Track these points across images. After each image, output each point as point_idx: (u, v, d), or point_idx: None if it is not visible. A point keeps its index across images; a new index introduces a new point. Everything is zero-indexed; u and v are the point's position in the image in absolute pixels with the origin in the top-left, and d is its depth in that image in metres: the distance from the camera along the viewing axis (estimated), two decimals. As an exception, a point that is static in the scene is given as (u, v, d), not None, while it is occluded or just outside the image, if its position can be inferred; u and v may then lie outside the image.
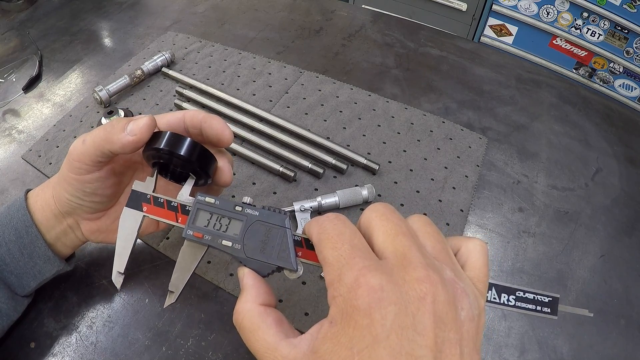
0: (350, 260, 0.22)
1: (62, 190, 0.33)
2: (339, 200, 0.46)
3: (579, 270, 0.45)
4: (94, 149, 0.30)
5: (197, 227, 0.28)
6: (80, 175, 0.32)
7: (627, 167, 0.55)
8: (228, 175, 0.34)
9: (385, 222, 0.24)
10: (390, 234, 0.23)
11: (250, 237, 0.27)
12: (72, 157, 0.31)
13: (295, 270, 0.26)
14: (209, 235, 0.27)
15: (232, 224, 0.28)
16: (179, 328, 0.39)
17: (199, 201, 0.28)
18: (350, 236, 0.23)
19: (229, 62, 0.66)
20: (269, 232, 0.27)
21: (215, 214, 0.28)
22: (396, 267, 0.21)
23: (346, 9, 0.80)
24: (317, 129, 0.56)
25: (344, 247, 0.22)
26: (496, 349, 0.39)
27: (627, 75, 1.37)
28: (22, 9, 0.79)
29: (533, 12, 1.42)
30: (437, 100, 0.61)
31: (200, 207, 0.28)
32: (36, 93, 0.62)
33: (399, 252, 0.22)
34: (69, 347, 0.37)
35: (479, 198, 0.50)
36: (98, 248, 0.44)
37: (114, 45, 0.70)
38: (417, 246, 0.22)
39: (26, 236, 0.34)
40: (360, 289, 0.20)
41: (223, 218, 0.28)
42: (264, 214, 0.27)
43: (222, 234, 0.27)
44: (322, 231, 0.24)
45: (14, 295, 0.36)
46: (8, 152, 0.54)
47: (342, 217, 0.25)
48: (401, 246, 0.22)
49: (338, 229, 0.23)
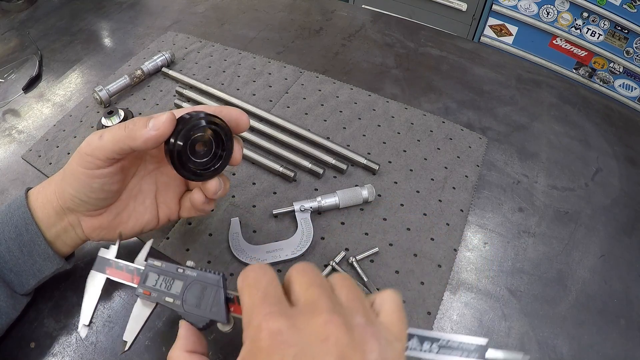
0: (259, 306, 0.24)
1: (67, 185, 0.33)
2: (338, 200, 0.46)
3: (579, 270, 0.45)
4: (113, 145, 0.31)
5: (146, 286, 0.32)
6: (91, 169, 0.32)
7: (627, 167, 0.55)
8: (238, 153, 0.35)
9: (302, 276, 0.26)
10: (304, 285, 0.26)
11: (188, 294, 0.30)
12: (85, 151, 0.32)
13: (225, 323, 0.29)
14: (155, 293, 0.31)
15: (174, 283, 0.31)
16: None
17: (149, 264, 0.32)
18: (266, 285, 0.25)
19: (229, 62, 0.66)
20: (204, 290, 0.30)
21: (162, 275, 0.32)
22: (303, 313, 0.24)
23: (346, 9, 0.80)
24: (317, 129, 0.56)
25: (258, 294, 0.25)
26: (496, 349, 0.39)
27: (627, 75, 1.37)
28: (22, 9, 0.79)
29: (533, 12, 1.42)
30: (437, 100, 0.61)
31: (150, 270, 0.32)
32: (36, 93, 0.62)
33: (309, 300, 0.24)
34: (69, 347, 0.37)
35: (479, 198, 0.50)
36: (98, 248, 0.44)
37: (114, 45, 0.70)
38: (327, 295, 0.25)
39: (26, 234, 0.34)
40: (263, 333, 0.23)
41: (167, 279, 0.32)
42: (201, 275, 0.31)
43: (166, 292, 0.31)
44: (244, 279, 0.27)
45: (14, 294, 0.36)
46: (8, 152, 0.54)
47: (265, 267, 0.27)
48: (311, 295, 0.25)
49: (257, 278, 0.26)
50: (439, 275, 0.43)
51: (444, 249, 0.45)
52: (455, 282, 0.43)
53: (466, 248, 0.46)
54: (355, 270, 0.42)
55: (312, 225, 0.45)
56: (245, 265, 0.43)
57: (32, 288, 0.37)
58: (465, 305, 0.42)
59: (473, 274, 0.44)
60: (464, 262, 0.45)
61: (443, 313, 0.41)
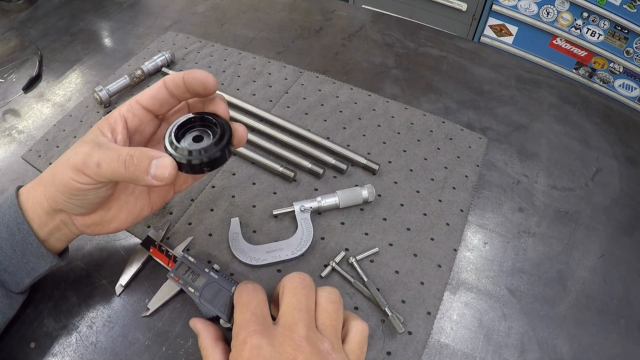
0: (246, 324, 0.31)
1: (56, 192, 0.32)
2: (338, 200, 0.46)
3: (579, 270, 0.45)
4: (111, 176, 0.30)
5: (177, 272, 0.39)
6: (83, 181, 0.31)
7: (627, 167, 0.55)
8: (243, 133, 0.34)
9: (291, 297, 0.32)
10: (289, 308, 0.31)
11: (206, 291, 0.37)
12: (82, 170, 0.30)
13: (227, 321, 0.36)
14: (182, 281, 0.38)
15: (199, 278, 0.38)
16: (179, 328, 0.39)
17: (183, 257, 0.39)
18: (255, 306, 0.32)
19: (229, 62, 0.66)
20: (219, 292, 0.37)
21: (191, 269, 0.39)
22: (280, 334, 0.30)
23: (346, 9, 0.80)
24: (317, 129, 0.56)
25: (247, 313, 0.32)
26: (496, 349, 0.39)
27: (627, 75, 1.37)
28: (22, 9, 0.79)
29: (533, 12, 1.42)
30: (437, 100, 0.61)
31: (183, 261, 0.39)
32: (36, 93, 0.62)
33: (288, 323, 0.30)
34: (69, 347, 0.37)
35: (479, 198, 0.50)
36: (98, 248, 0.44)
37: (114, 45, 0.70)
38: (305, 322, 0.30)
39: (18, 233, 0.34)
40: (246, 346, 0.29)
41: (194, 273, 0.38)
42: (220, 279, 0.38)
43: (190, 283, 0.38)
44: (238, 296, 0.34)
45: (9, 293, 0.36)
46: (8, 152, 0.54)
47: (257, 289, 0.34)
48: (292, 319, 0.31)
49: (249, 299, 0.33)
50: (439, 275, 0.43)
51: (444, 249, 0.45)
52: (455, 282, 0.43)
53: (466, 248, 0.46)
54: (355, 271, 0.42)
55: (312, 225, 0.45)
56: (245, 266, 0.43)
57: (27, 286, 0.36)
58: (465, 305, 0.42)
59: (473, 274, 0.44)
60: (464, 262, 0.45)
61: (443, 313, 0.41)
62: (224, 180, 0.50)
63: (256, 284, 0.35)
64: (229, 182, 0.50)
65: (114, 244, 0.44)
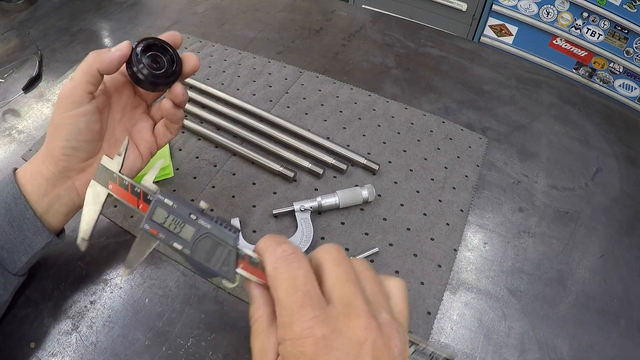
0: (301, 309, 0.24)
1: (55, 141, 0.35)
2: (338, 200, 0.46)
3: (579, 270, 0.45)
4: (84, 76, 0.34)
5: (153, 222, 0.30)
6: (74, 110, 0.35)
7: (627, 167, 0.55)
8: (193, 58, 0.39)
9: (337, 268, 0.27)
10: (340, 280, 0.26)
11: (199, 246, 0.29)
12: (65, 95, 0.35)
13: (232, 282, 0.29)
14: (163, 234, 0.29)
15: (185, 228, 0.29)
16: (179, 328, 0.39)
17: (158, 199, 0.30)
18: (304, 281, 0.25)
19: (229, 62, 0.66)
20: (217, 247, 0.29)
21: (172, 215, 0.30)
22: (342, 315, 0.24)
23: (346, 9, 0.80)
24: (317, 129, 0.56)
25: (297, 294, 0.25)
26: (496, 349, 0.39)
27: (627, 75, 1.37)
28: (22, 9, 0.79)
29: (533, 12, 1.42)
30: (437, 100, 0.61)
31: (159, 205, 0.30)
32: (36, 93, 0.62)
33: (345, 299, 0.25)
34: (69, 347, 0.37)
35: (479, 198, 0.50)
36: (98, 248, 0.44)
37: (114, 45, 0.70)
38: (361, 295, 0.25)
39: (15, 208, 0.35)
40: (308, 339, 0.23)
41: (178, 220, 0.29)
42: (216, 229, 0.29)
43: (176, 236, 0.29)
44: (276, 268, 0.26)
45: (4, 272, 0.36)
46: (8, 152, 0.54)
47: (298, 255, 0.27)
48: (348, 293, 0.25)
49: (293, 272, 0.26)
50: (439, 275, 0.43)
51: (444, 249, 0.45)
52: (455, 282, 0.43)
53: (466, 248, 0.46)
54: (355, 270, 0.42)
55: (312, 225, 0.45)
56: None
57: (23, 266, 0.36)
58: (465, 305, 0.42)
59: (473, 274, 0.44)
60: (464, 262, 0.45)
61: (443, 313, 0.41)
62: (224, 180, 0.50)
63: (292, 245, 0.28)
64: (229, 182, 0.50)
65: (113, 244, 0.44)
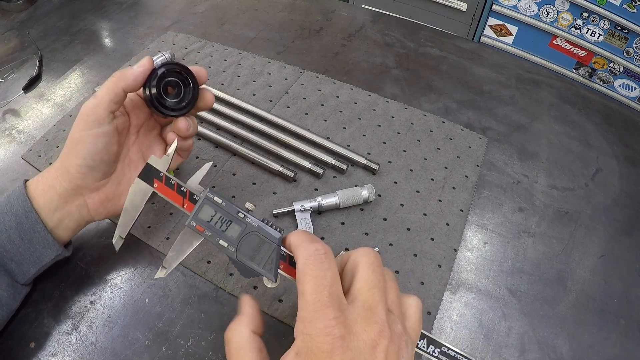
0: (325, 308, 0.26)
1: (72, 158, 0.36)
2: (339, 200, 0.46)
3: (579, 270, 0.45)
4: (107, 95, 0.35)
5: (200, 220, 0.30)
6: (94, 129, 0.35)
7: (627, 167, 0.55)
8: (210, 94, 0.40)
9: (370, 273, 0.28)
10: (368, 284, 0.28)
11: (244, 243, 0.30)
12: (86, 113, 0.35)
13: (274, 282, 0.30)
14: (209, 231, 0.30)
15: (232, 226, 0.30)
16: (179, 328, 0.39)
17: (207, 197, 0.30)
18: (331, 282, 0.27)
19: (229, 62, 0.66)
20: (262, 244, 0.30)
21: (219, 213, 0.30)
22: (361, 317, 0.26)
23: (346, 9, 0.80)
24: (317, 129, 0.56)
25: (323, 293, 0.26)
26: (496, 348, 0.39)
27: (627, 75, 1.37)
28: (22, 9, 0.79)
29: (533, 12, 1.42)
30: (437, 100, 0.61)
31: (207, 203, 0.30)
32: (36, 93, 0.62)
33: (368, 303, 0.27)
34: (69, 347, 0.37)
35: (479, 198, 0.50)
36: (99, 248, 0.44)
37: (114, 45, 0.70)
38: (383, 303, 0.27)
39: (26, 221, 0.35)
40: (327, 337, 0.25)
41: (225, 219, 0.30)
42: (262, 228, 0.30)
43: (221, 234, 0.30)
44: (306, 265, 0.27)
45: (14, 283, 0.36)
46: (8, 152, 0.54)
47: (329, 256, 0.28)
48: (372, 299, 0.27)
49: (322, 272, 0.27)
50: (439, 275, 0.43)
51: (444, 249, 0.45)
52: (455, 282, 0.43)
53: (466, 248, 0.46)
54: (355, 270, 0.42)
55: (312, 225, 0.45)
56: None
57: (32, 277, 0.37)
58: (465, 305, 0.42)
59: (473, 274, 0.44)
60: (464, 262, 0.45)
61: (443, 313, 0.41)
62: (224, 180, 0.50)
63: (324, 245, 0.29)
64: (229, 182, 0.50)
65: (113, 244, 0.44)
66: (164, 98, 0.38)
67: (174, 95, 0.38)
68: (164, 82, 0.37)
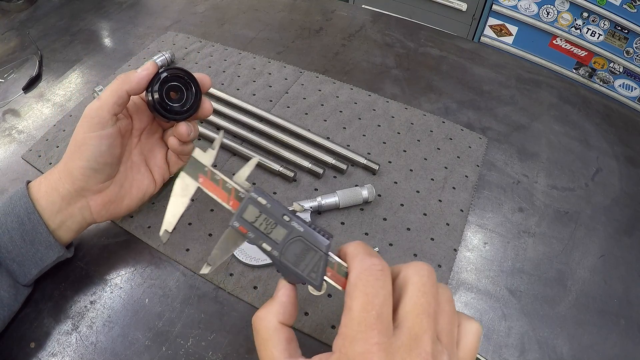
0: (369, 330, 0.24)
1: (76, 160, 0.36)
2: (339, 200, 0.46)
3: (579, 270, 0.45)
4: (111, 97, 0.35)
5: (244, 220, 0.29)
6: (98, 131, 0.35)
7: (627, 167, 0.55)
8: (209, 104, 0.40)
9: (420, 296, 0.25)
10: (417, 309, 0.25)
11: (290, 249, 0.28)
12: (90, 114, 0.36)
13: (318, 290, 0.28)
14: (253, 233, 0.29)
15: (276, 229, 0.29)
16: (179, 328, 0.39)
17: (252, 196, 0.29)
18: (381, 303, 0.25)
19: (229, 62, 0.66)
20: (308, 251, 0.28)
21: (264, 215, 0.29)
22: (404, 346, 0.24)
23: (346, 9, 0.80)
24: (317, 129, 0.56)
25: (371, 313, 0.24)
26: (496, 349, 0.39)
27: (627, 75, 1.37)
28: (22, 9, 0.79)
29: (533, 12, 1.42)
30: (437, 100, 0.61)
31: (252, 203, 0.29)
32: (36, 93, 0.62)
33: (414, 332, 0.24)
34: (69, 347, 0.37)
35: (479, 198, 0.50)
36: (99, 248, 0.44)
37: (114, 45, 0.70)
38: (431, 331, 0.24)
39: (28, 223, 0.35)
40: None
41: (270, 221, 0.29)
42: (309, 233, 0.28)
43: (266, 237, 0.29)
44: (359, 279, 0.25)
45: (16, 284, 0.36)
46: (8, 152, 0.54)
47: (385, 273, 0.26)
48: (419, 327, 0.24)
49: (375, 290, 0.25)
50: (439, 275, 0.43)
51: (444, 249, 0.45)
52: (455, 282, 0.43)
53: (466, 248, 0.46)
54: (355, 270, 0.42)
55: (312, 225, 0.45)
56: (245, 266, 0.42)
57: (33, 278, 0.37)
58: (465, 305, 0.42)
59: (473, 274, 0.44)
60: (464, 262, 0.45)
61: (443, 313, 0.41)
62: (224, 180, 0.50)
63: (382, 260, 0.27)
64: (229, 182, 0.50)
65: (113, 244, 0.44)
66: (166, 102, 0.38)
67: (177, 99, 0.39)
68: (167, 87, 0.38)
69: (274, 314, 0.27)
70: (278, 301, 0.28)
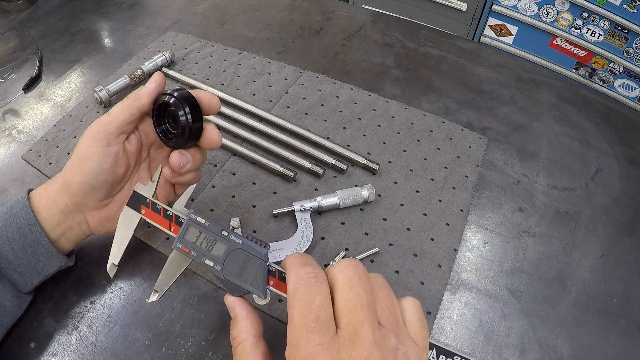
0: (310, 334, 0.25)
1: (75, 174, 0.35)
2: (338, 200, 0.46)
3: (579, 270, 0.45)
4: (122, 114, 0.35)
5: (186, 241, 0.31)
6: (103, 147, 0.34)
7: (627, 167, 0.55)
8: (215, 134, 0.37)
9: (348, 291, 0.26)
10: (348, 305, 0.26)
11: (230, 261, 0.30)
12: (97, 129, 0.34)
13: (264, 298, 0.29)
14: (195, 252, 0.30)
15: (217, 245, 0.30)
16: (179, 328, 0.39)
17: (191, 219, 0.31)
18: (318, 307, 0.26)
19: (229, 62, 0.66)
20: (248, 261, 0.30)
21: (204, 233, 0.31)
22: (347, 341, 0.24)
23: (346, 9, 0.80)
24: (317, 129, 0.56)
25: (310, 317, 0.25)
26: (496, 348, 0.39)
27: (627, 75, 1.37)
28: (22, 9, 0.79)
29: (533, 12, 1.42)
30: (437, 100, 0.61)
31: (192, 224, 0.31)
32: (36, 93, 0.62)
33: (352, 326, 0.25)
34: (69, 347, 0.37)
35: (479, 198, 0.50)
36: (98, 248, 0.44)
37: (114, 45, 0.70)
38: (370, 321, 0.25)
39: (30, 234, 0.35)
40: None
41: (209, 238, 0.30)
42: (247, 244, 0.30)
43: (207, 253, 0.30)
44: (296, 289, 0.27)
45: (18, 293, 0.36)
46: (8, 152, 0.54)
47: (320, 280, 0.27)
48: (355, 319, 0.25)
49: (310, 296, 0.26)
50: (439, 275, 0.43)
51: (444, 249, 0.45)
52: (455, 282, 0.43)
53: (466, 248, 0.46)
54: (355, 270, 0.42)
55: (312, 225, 0.45)
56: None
57: (35, 286, 0.37)
58: (465, 305, 0.42)
59: (473, 274, 0.44)
60: (464, 262, 0.45)
61: (443, 313, 0.41)
62: (224, 180, 0.50)
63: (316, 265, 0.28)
64: (229, 182, 0.50)
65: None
66: (163, 125, 0.36)
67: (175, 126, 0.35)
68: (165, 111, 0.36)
69: (247, 332, 0.29)
70: (242, 317, 0.29)
